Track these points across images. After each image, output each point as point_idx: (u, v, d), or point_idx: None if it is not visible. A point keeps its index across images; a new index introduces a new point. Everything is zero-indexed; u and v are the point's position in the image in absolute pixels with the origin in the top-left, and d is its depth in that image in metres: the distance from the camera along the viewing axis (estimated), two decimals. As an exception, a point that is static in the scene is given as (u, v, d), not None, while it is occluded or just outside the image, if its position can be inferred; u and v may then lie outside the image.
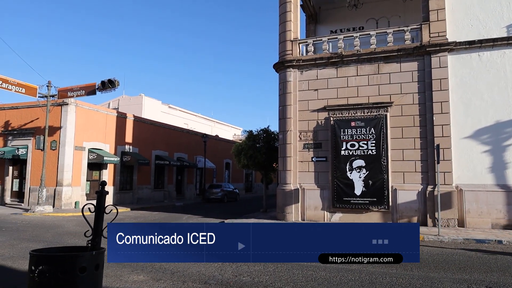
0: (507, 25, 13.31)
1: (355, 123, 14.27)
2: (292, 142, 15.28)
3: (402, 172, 13.82)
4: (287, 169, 15.24)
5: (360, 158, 14.06)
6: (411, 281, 6.25)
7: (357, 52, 14.73)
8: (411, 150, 13.79)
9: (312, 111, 15.24)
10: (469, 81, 13.48)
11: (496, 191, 12.81)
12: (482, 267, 7.37)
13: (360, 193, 13.96)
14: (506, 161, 12.82)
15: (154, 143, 26.73)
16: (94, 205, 3.68)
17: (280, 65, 15.92)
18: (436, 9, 13.93)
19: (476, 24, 13.66)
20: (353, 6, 17.16)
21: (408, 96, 14.04)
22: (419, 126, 13.82)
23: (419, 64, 14.05)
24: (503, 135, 12.93)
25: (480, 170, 13.05)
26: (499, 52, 13.24)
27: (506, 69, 13.12)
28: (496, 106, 13.08)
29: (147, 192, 25.96)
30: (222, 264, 7.34)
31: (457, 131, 13.37)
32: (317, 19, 20.76)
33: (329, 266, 7.26)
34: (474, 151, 13.16)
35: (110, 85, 18.03)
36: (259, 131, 20.30)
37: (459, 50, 13.65)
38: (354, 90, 14.75)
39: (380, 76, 14.48)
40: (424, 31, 14.05)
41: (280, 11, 16.29)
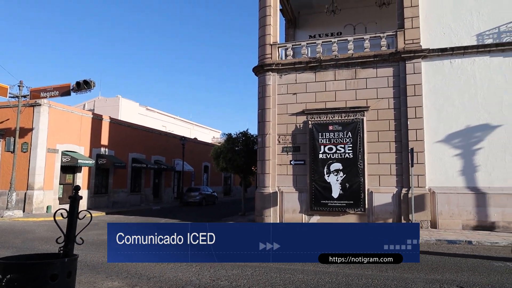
0: (476, 34, 13.88)
1: (332, 127, 14.49)
2: (271, 145, 15.35)
3: (378, 175, 14.13)
4: (266, 172, 15.28)
5: (337, 161, 14.28)
6: (386, 282, 6.38)
7: (335, 57, 14.98)
8: (386, 154, 14.12)
9: (291, 114, 15.37)
10: (441, 88, 13.95)
11: (466, 193, 13.29)
12: (453, 267, 7.60)
13: (337, 196, 14.16)
14: (475, 165, 13.32)
15: (131, 146, 26.23)
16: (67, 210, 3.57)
17: (260, 69, 15.99)
18: (411, 17, 14.36)
19: (448, 32, 14.17)
20: (331, 12, 17.44)
21: (384, 101, 14.38)
22: (394, 130, 14.17)
23: (394, 70, 14.43)
24: (473, 139, 13.44)
25: (452, 173, 13.50)
26: (470, 59, 13.77)
27: (476, 76, 13.66)
28: (466, 112, 13.59)
29: (123, 196, 25.41)
30: (200, 268, 7.27)
31: (430, 135, 13.79)
32: (296, 24, 21.00)
33: (306, 268, 7.32)
34: (446, 155, 13.61)
35: (86, 86, 17.60)
36: (238, 134, 20.30)
37: (432, 57, 14.11)
38: (332, 95, 14.98)
39: (357, 81, 14.78)
40: (399, 38, 14.45)
41: (260, 15, 16.38)
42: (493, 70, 13.50)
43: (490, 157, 13.16)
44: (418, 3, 14.33)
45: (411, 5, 14.35)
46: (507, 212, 12.77)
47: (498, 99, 13.32)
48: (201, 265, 7.52)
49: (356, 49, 15.00)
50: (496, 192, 12.96)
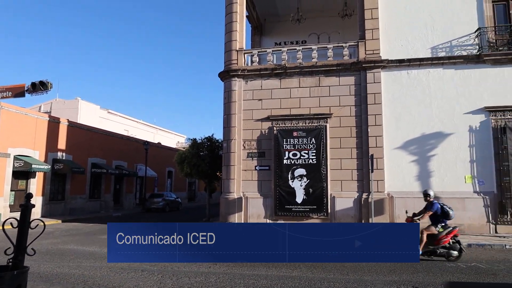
0: (431, 47, 14.71)
1: (297, 133, 14.74)
2: (236, 150, 15.34)
3: (340, 181, 14.51)
4: (231, 177, 15.24)
5: (301, 167, 14.53)
6: (347, 285, 6.55)
7: (299, 64, 15.30)
8: (348, 160, 14.56)
9: (256, 120, 15.47)
10: (399, 97, 14.62)
11: (422, 198, 13.90)
12: (409, 269, 7.94)
13: (301, 201, 14.38)
14: (430, 170, 14.04)
15: (90, 150, 25.20)
16: (17, 219, 3.36)
17: (226, 74, 15.98)
18: (371, 28, 14.99)
19: (406, 45, 14.92)
20: (296, 21, 17.84)
21: (346, 108, 14.85)
22: (355, 137, 14.65)
23: (356, 78, 14.96)
24: (427, 146, 14.17)
25: (409, 179, 14.14)
26: (425, 71, 14.57)
27: (431, 87, 14.46)
28: (422, 120, 14.32)
29: (81, 202, 24.32)
30: (162, 277, 7.09)
31: (389, 142, 14.39)
32: (262, 31, 21.26)
33: (270, 274, 7.36)
34: (404, 161, 14.25)
35: (42, 87, 16.70)
36: (203, 139, 20.13)
37: (391, 68, 14.78)
38: (296, 101, 15.26)
39: (321, 89, 15.16)
40: (360, 48, 15.02)
41: (226, 20, 16.42)
42: (446, 82, 14.35)
43: (443, 163, 13.93)
44: (378, 15, 14.99)
45: (372, 18, 14.98)
46: (458, 215, 13.46)
47: (451, 109, 14.16)
48: (163, 273, 7.34)
49: (320, 58, 15.42)
50: (448, 196, 13.69)
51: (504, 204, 13.20)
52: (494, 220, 13.30)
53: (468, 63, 14.17)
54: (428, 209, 8.83)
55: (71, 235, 14.15)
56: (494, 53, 13.90)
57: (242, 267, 7.96)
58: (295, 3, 18.14)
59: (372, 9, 14.99)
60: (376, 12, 14.97)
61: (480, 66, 14.06)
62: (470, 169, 13.73)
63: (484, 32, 14.07)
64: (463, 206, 13.49)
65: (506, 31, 14.30)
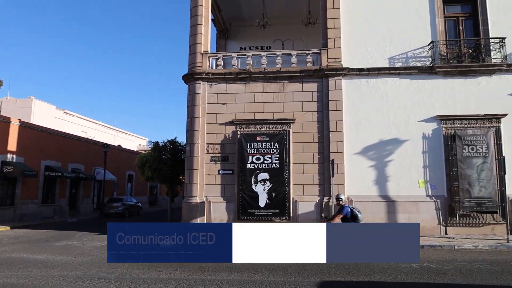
0: (389, 57, 15.41)
1: (260, 137, 14.85)
2: (199, 154, 15.18)
3: (302, 185, 14.77)
4: (194, 181, 15.04)
5: (264, 171, 14.63)
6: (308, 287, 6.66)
7: (264, 70, 15.45)
8: (310, 164, 14.85)
9: (220, 124, 15.41)
10: (359, 104, 15.16)
11: (379, 201, 14.52)
12: (366, 270, 8.21)
13: (264, 205, 14.47)
14: (387, 175, 14.65)
15: (44, 152, 23.89)
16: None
17: (190, 77, 15.80)
18: (333, 37, 15.46)
19: (365, 54, 15.53)
20: (261, 26, 18.04)
21: (309, 114, 15.17)
22: (317, 142, 14.99)
23: (318, 85, 15.34)
24: (385, 152, 14.79)
25: (367, 183, 14.66)
26: (383, 79, 15.22)
27: (388, 95, 15.13)
28: (380, 127, 14.93)
29: (33, 208, 22.94)
30: (119, 284, 6.82)
31: (349, 148, 14.85)
32: (228, 35, 21.29)
33: (232, 279, 7.32)
34: (363, 166, 14.77)
35: (-9, 85, 15.64)
36: (166, 142, 19.76)
37: (351, 76, 15.31)
38: (260, 106, 15.38)
39: (285, 94, 15.40)
40: (323, 56, 15.44)
41: (191, 23, 16.26)
42: (402, 91, 15.08)
43: (399, 168, 14.59)
44: (340, 25, 15.50)
45: (334, 27, 15.47)
46: (413, 218, 14.20)
47: (406, 117, 14.89)
48: (121, 281, 7.07)
49: (284, 64, 15.66)
50: (404, 200, 14.37)
51: (454, 207, 14.03)
52: (445, 222, 14.10)
53: (422, 73, 15.00)
54: (339, 212, 9.06)
55: (20, 242, 13.30)
56: (445, 65, 14.81)
57: (204, 273, 7.86)
58: (261, 9, 18.35)
59: (335, 19, 15.48)
60: (338, 21, 15.47)
61: (433, 77, 14.93)
62: (423, 174, 14.49)
63: (436, 45, 14.97)
64: (416, 209, 14.19)
65: (456, 45, 15.29)
